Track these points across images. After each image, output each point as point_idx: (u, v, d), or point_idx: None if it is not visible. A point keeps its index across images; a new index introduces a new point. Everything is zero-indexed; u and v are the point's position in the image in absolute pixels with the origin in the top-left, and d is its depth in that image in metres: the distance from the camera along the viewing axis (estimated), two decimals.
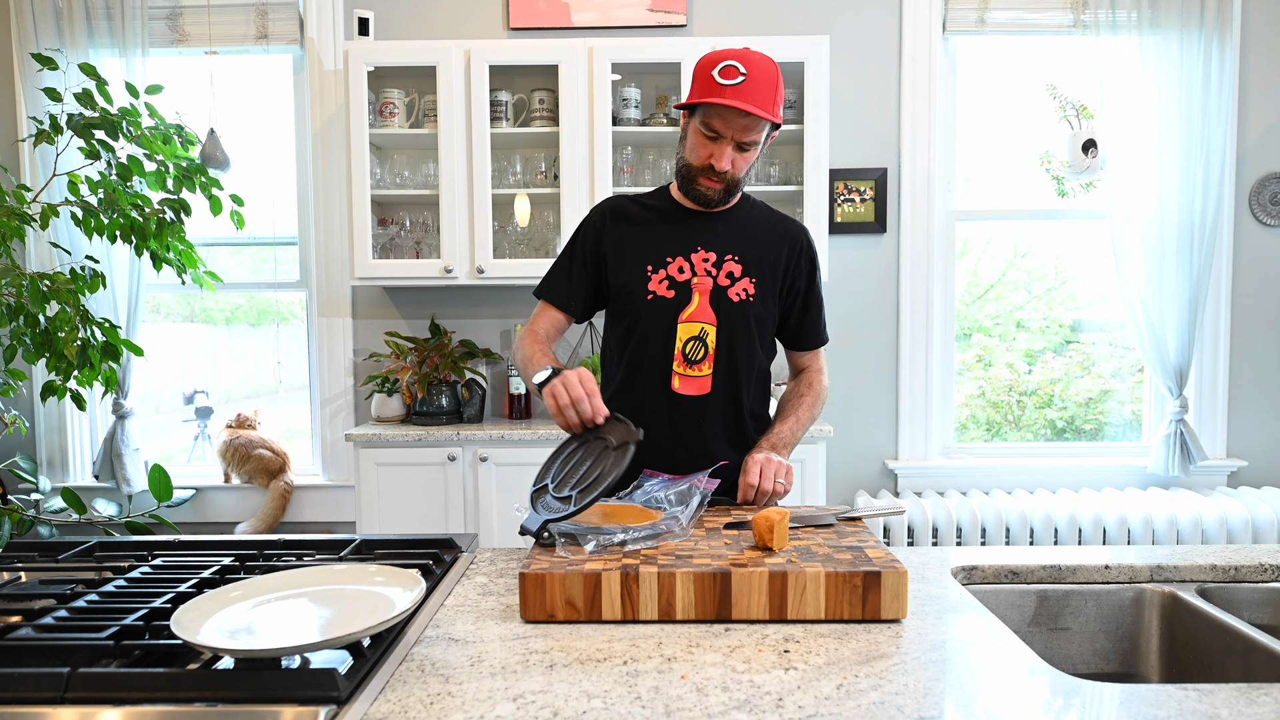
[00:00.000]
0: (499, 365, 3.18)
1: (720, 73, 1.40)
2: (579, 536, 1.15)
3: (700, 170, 1.49)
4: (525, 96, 2.97)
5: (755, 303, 1.55)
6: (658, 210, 1.60)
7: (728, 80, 1.39)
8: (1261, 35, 3.04)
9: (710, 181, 1.49)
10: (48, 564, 1.25)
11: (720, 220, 1.58)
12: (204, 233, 3.11)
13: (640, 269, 1.56)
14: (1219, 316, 3.09)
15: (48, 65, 2.55)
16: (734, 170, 1.48)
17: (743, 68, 1.39)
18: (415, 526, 2.72)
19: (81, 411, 2.83)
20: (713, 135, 1.45)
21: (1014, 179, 3.24)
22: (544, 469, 1.32)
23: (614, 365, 1.65)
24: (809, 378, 1.67)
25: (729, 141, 1.44)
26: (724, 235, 1.56)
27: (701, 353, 1.54)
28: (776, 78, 1.43)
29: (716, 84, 1.40)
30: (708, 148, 1.46)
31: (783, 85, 1.47)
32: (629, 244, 1.58)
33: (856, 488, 3.19)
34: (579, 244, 1.63)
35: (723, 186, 1.50)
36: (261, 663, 0.82)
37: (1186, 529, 2.80)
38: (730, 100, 1.38)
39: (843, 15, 3.08)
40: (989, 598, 1.25)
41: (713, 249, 1.55)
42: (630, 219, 1.60)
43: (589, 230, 1.62)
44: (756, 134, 1.44)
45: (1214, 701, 0.81)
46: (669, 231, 1.57)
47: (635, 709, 0.80)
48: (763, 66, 1.42)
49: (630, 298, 1.56)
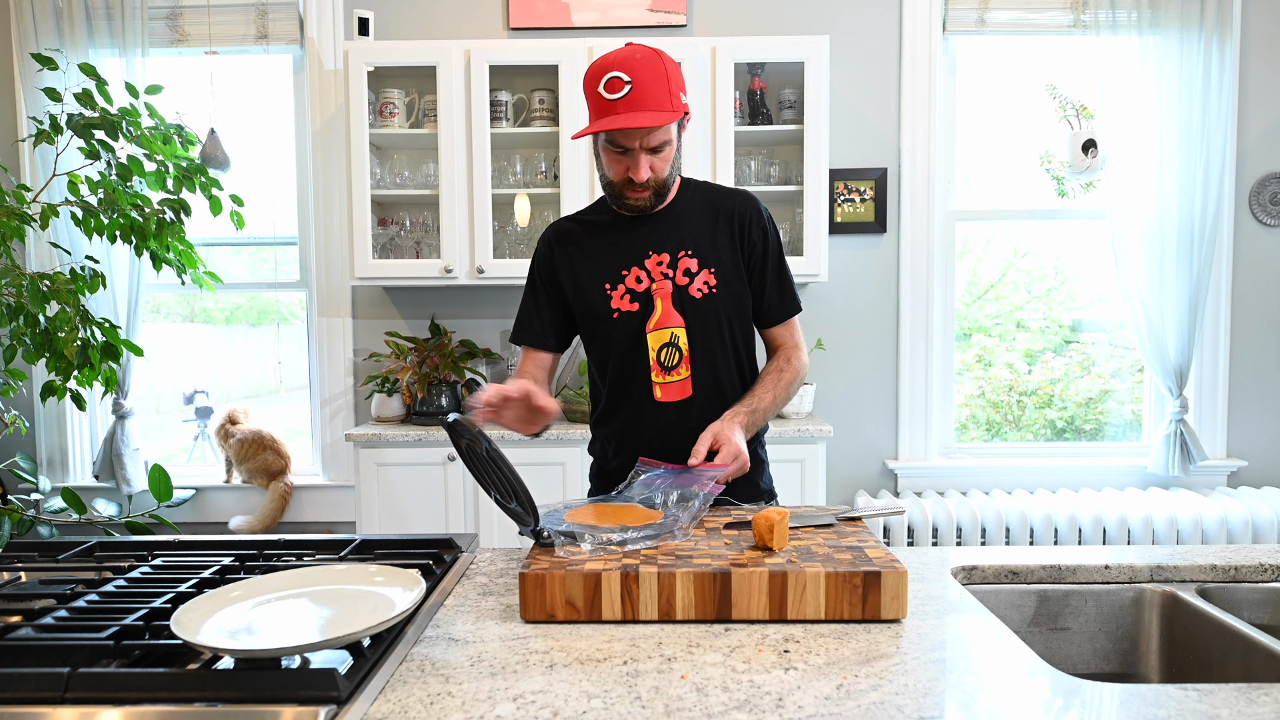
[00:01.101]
0: (499, 365, 3.18)
1: (605, 87, 1.35)
2: (579, 536, 1.15)
3: (622, 185, 1.46)
4: (525, 96, 2.97)
5: (720, 293, 1.52)
6: (600, 224, 1.57)
7: (614, 94, 1.34)
8: (1261, 35, 3.04)
9: (636, 193, 1.46)
10: (48, 564, 1.25)
11: (664, 218, 1.54)
12: (204, 233, 3.11)
13: (599, 289, 1.53)
14: (1219, 316, 3.09)
15: (48, 65, 2.55)
16: (655, 174, 1.44)
17: (627, 76, 1.34)
18: (415, 526, 2.72)
19: (81, 411, 2.83)
20: (620, 150, 1.41)
21: (1014, 179, 3.24)
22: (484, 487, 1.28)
23: (599, 388, 1.63)
24: (786, 353, 1.59)
25: (639, 151, 1.40)
26: (671, 233, 1.53)
27: (676, 357, 1.52)
28: (665, 70, 1.38)
29: (606, 101, 1.36)
30: (621, 163, 1.43)
31: (677, 72, 1.41)
32: (581, 267, 1.55)
33: (856, 488, 3.19)
34: (536, 279, 1.61)
35: (650, 193, 1.47)
36: (261, 663, 0.82)
37: (1186, 529, 2.80)
38: (622, 118, 1.34)
39: (843, 15, 3.08)
40: (989, 598, 1.25)
41: (664, 249, 1.52)
42: (575, 240, 1.57)
43: (541, 262, 1.60)
44: (664, 134, 1.40)
45: (1214, 701, 0.81)
46: (617, 244, 1.54)
47: (635, 709, 0.80)
48: (648, 65, 1.36)
49: (597, 320, 1.54)
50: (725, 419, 1.44)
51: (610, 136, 1.41)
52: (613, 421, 1.60)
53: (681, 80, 1.43)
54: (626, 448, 1.59)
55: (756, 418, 1.49)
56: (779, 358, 1.59)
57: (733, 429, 1.41)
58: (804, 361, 1.60)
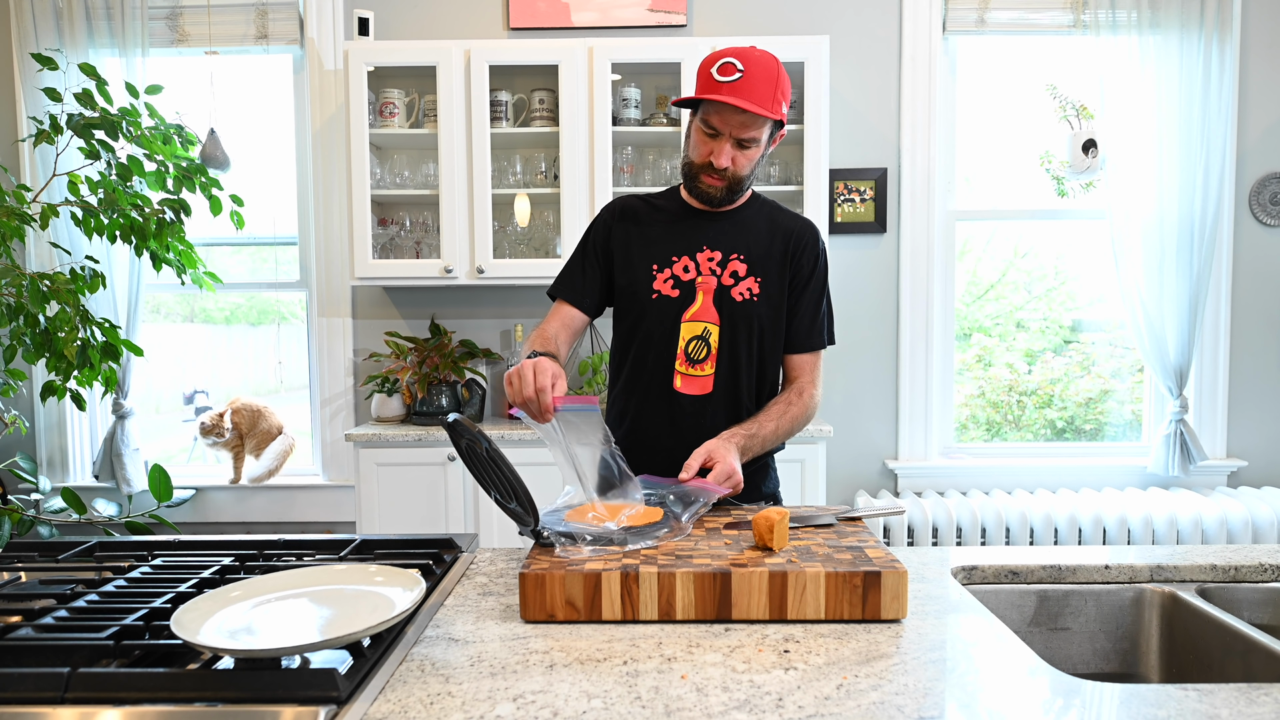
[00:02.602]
0: (499, 365, 3.18)
1: (718, 70, 1.40)
2: (578, 537, 1.15)
3: (701, 168, 1.49)
4: (525, 96, 2.97)
5: (759, 302, 1.54)
6: (665, 210, 1.61)
7: (725, 77, 1.39)
8: (1261, 35, 3.04)
9: (711, 179, 1.49)
10: (48, 564, 1.25)
11: (727, 219, 1.58)
12: (204, 233, 3.11)
13: (645, 268, 1.56)
14: (1219, 316, 3.09)
15: (48, 65, 2.55)
16: (735, 168, 1.47)
17: (741, 65, 1.39)
18: (415, 526, 2.72)
19: (81, 411, 2.83)
20: (711, 132, 1.45)
21: (1014, 179, 3.24)
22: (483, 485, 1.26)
23: (618, 362, 1.65)
24: (799, 387, 1.60)
25: (728, 138, 1.44)
26: (730, 234, 1.56)
27: (704, 352, 1.54)
28: (776, 75, 1.42)
29: (714, 81, 1.40)
30: (708, 145, 1.47)
31: (787, 83, 1.45)
32: (635, 243, 1.58)
33: (856, 488, 3.19)
34: (590, 242, 1.64)
35: (725, 184, 1.49)
36: (261, 663, 0.82)
37: (1186, 529, 2.80)
38: (725, 96, 1.38)
39: (843, 15, 3.08)
40: (989, 598, 1.25)
41: (718, 248, 1.55)
42: (638, 218, 1.61)
43: (599, 228, 1.63)
44: (755, 130, 1.43)
45: (1214, 701, 0.81)
46: (675, 230, 1.57)
47: (635, 709, 0.80)
48: (762, 64, 1.41)
49: (635, 296, 1.56)
50: (722, 438, 1.44)
51: (705, 116, 1.44)
52: (627, 399, 1.61)
53: (789, 91, 1.47)
54: (632, 433, 1.59)
55: (754, 444, 1.48)
56: (790, 390, 1.60)
57: (729, 449, 1.41)
58: (815, 401, 1.61)
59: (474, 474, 1.23)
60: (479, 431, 1.13)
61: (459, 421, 1.15)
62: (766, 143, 1.49)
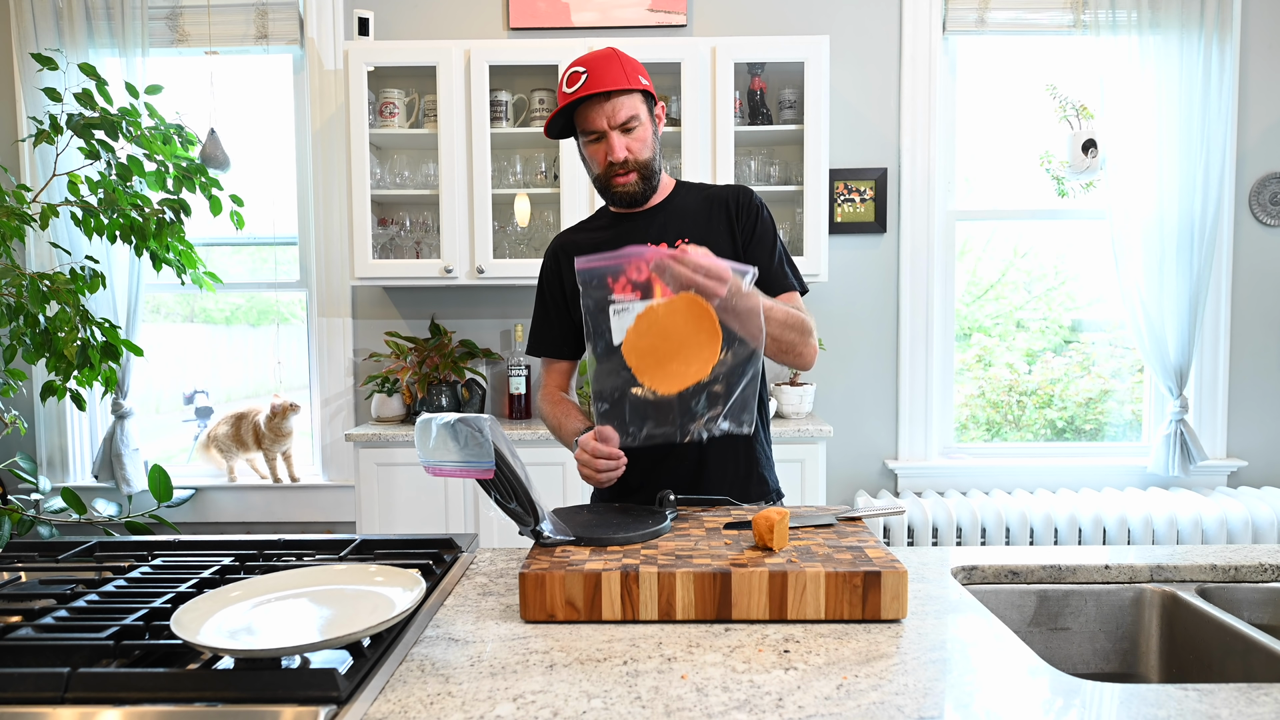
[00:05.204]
0: (499, 365, 3.18)
1: (567, 83, 1.46)
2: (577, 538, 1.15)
3: (606, 173, 1.50)
4: (525, 96, 2.97)
5: None
6: (598, 227, 1.62)
7: (573, 86, 1.44)
8: (1261, 35, 3.04)
9: (621, 177, 1.50)
10: (48, 564, 1.25)
11: (660, 213, 1.58)
12: (204, 233, 3.10)
13: None
14: (1219, 316, 3.09)
15: (48, 65, 2.54)
16: (632, 154, 1.48)
17: (582, 67, 1.45)
18: (415, 526, 2.72)
19: (81, 411, 2.83)
20: (595, 137, 1.47)
21: (1014, 179, 3.24)
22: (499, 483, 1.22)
23: None
24: None
25: (610, 132, 1.45)
26: (669, 225, 1.56)
27: None
28: (618, 57, 1.46)
29: (567, 94, 1.46)
30: (599, 149, 1.49)
31: (633, 61, 1.48)
32: None
33: (856, 488, 3.19)
34: (544, 293, 1.66)
35: (635, 175, 1.50)
36: (261, 663, 0.82)
37: (1186, 529, 2.80)
38: (580, 93, 1.43)
39: (843, 15, 3.08)
40: (989, 598, 1.25)
41: (662, 239, 1.54)
42: (578, 246, 1.60)
43: (548, 275, 1.65)
44: (628, 110, 1.45)
45: (1214, 701, 0.81)
46: (615, 239, 1.56)
47: (635, 709, 0.80)
48: (602, 56, 1.46)
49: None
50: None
51: (581, 127, 1.48)
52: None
53: (640, 67, 1.50)
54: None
55: (758, 301, 1.30)
56: None
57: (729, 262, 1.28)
58: (813, 322, 1.49)
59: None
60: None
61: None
62: (650, 119, 1.50)
